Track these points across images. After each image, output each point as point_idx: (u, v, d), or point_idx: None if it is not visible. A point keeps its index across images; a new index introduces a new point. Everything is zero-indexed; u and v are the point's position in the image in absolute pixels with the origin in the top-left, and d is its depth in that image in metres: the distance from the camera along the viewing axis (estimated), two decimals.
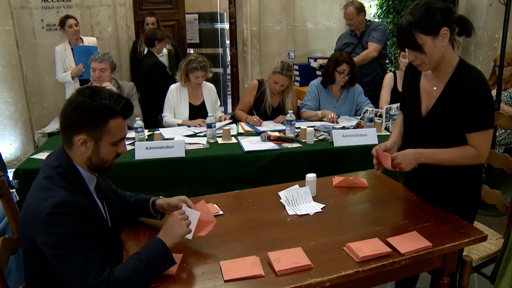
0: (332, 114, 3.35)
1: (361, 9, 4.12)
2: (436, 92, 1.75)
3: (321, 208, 1.84)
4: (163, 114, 3.47)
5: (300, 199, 1.88)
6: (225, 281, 1.36)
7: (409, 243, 1.53)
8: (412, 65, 1.78)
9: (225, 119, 3.38)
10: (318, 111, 3.48)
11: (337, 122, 3.31)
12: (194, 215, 1.54)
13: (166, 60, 4.63)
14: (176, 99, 3.42)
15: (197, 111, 3.41)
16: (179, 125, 3.34)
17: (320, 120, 3.42)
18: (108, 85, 3.09)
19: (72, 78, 4.09)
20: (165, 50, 4.61)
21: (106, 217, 1.50)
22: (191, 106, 3.43)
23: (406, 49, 1.69)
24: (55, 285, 1.38)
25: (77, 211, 1.30)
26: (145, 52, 4.56)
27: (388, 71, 4.34)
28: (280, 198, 1.93)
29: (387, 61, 4.61)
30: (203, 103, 3.46)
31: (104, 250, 1.35)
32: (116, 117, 1.37)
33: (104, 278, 1.26)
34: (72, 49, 4.17)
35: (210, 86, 3.55)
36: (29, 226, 1.31)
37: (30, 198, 1.35)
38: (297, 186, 1.97)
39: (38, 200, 1.30)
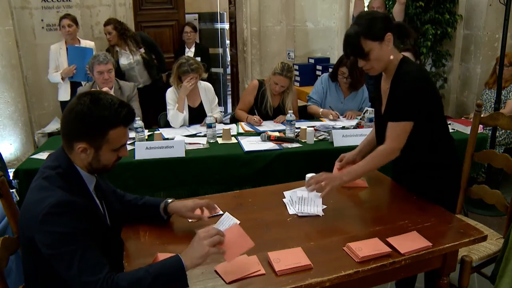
0: (332, 114, 3.39)
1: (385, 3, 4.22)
2: (388, 90, 1.89)
3: (321, 209, 1.84)
4: (167, 111, 3.37)
5: (309, 201, 1.86)
6: (226, 281, 1.36)
7: (409, 243, 1.53)
8: None
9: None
10: (320, 109, 3.51)
11: (337, 117, 3.39)
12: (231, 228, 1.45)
13: (142, 68, 4.37)
14: (174, 101, 3.37)
15: (196, 113, 3.38)
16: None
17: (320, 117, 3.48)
18: (106, 89, 3.07)
19: (62, 78, 4.01)
20: (138, 57, 4.31)
21: (106, 216, 1.50)
22: (189, 109, 3.39)
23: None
24: (54, 284, 1.38)
25: (76, 211, 1.29)
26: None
27: None
28: (284, 197, 1.93)
29: None
30: (201, 104, 3.43)
31: (103, 250, 1.34)
32: (116, 128, 1.36)
33: (100, 278, 1.24)
34: (67, 48, 4.09)
35: (207, 85, 3.50)
36: (27, 226, 1.32)
37: (28, 198, 1.35)
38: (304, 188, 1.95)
39: (37, 200, 1.30)
